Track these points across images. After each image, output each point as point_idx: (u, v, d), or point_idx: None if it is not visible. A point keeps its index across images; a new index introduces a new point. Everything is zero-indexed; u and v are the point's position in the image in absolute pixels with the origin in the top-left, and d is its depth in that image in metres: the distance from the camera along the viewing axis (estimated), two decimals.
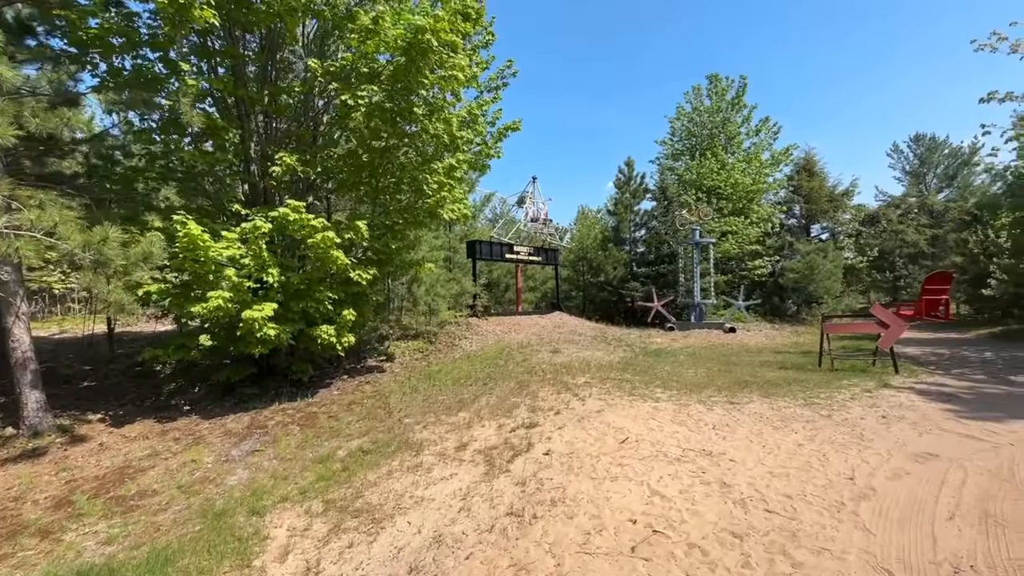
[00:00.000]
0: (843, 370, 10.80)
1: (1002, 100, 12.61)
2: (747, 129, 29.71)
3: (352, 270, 8.95)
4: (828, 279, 23.61)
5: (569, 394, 8.76)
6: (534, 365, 11.62)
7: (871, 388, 8.84)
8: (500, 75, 12.00)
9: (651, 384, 9.52)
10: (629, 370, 11.09)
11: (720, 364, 12.18)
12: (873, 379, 9.71)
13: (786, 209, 28.65)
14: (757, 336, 19.57)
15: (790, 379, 9.85)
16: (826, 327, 10.96)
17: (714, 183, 27.16)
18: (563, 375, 10.42)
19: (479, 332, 16.21)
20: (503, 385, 9.75)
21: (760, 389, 8.95)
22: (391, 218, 9.62)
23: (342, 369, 11.20)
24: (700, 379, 10.08)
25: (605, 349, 14.84)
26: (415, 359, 12.70)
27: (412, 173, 9.27)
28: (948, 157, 44.48)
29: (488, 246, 19.15)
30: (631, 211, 24.82)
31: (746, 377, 10.26)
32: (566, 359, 12.55)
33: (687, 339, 18.45)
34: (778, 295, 25.41)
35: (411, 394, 9.56)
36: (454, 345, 14.34)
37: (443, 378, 10.60)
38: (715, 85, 30.19)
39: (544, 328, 18.08)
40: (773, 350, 15.43)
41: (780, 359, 13.00)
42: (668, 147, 31.33)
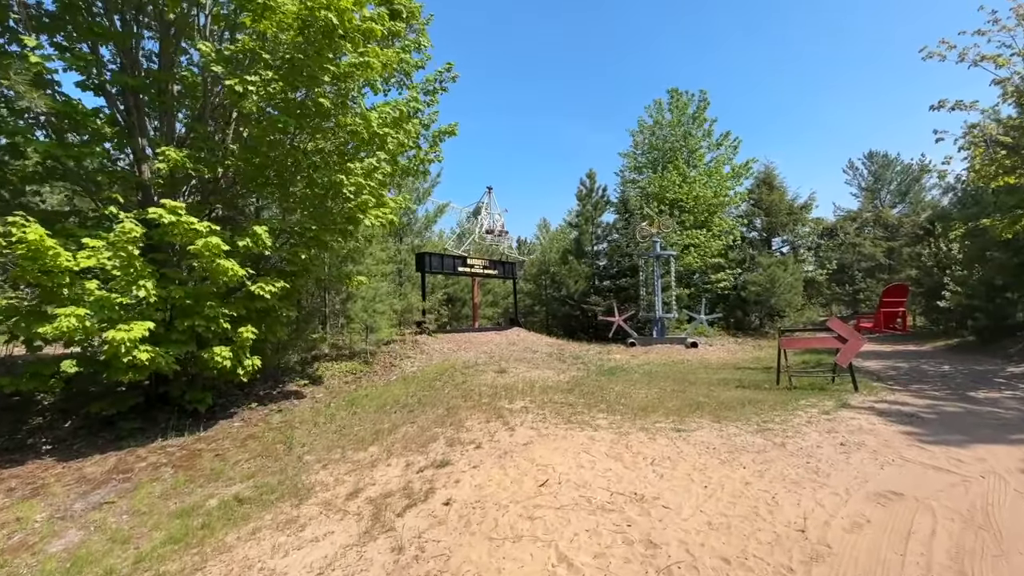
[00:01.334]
0: (801, 388, 10.12)
1: (952, 108, 12.45)
2: (708, 143, 29.78)
3: (251, 282, 7.78)
4: (789, 292, 23.43)
5: (500, 422, 7.73)
6: (473, 388, 10.56)
7: (829, 409, 8.12)
8: (438, 78, 11.13)
9: (595, 408, 8.59)
10: (576, 391, 10.15)
11: (675, 383, 11.38)
12: (832, 398, 9.03)
13: (747, 222, 28.66)
14: (719, 351, 19.01)
15: (746, 400, 9.08)
16: (783, 342, 10.30)
17: (676, 196, 26.94)
18: (501, 399, 9.40)
19: (425, 351, 15.07)
20: (430, 412, 8.66)
21: (712, 412, 8.12)
22: (302, 224, 8.51)
23: (253, 396, 9.90)
24: (650, 401, 9.22)
25: (557, 368, 13.91)
26: (344, 382, 11.47)
27: (326, 174, 8.22)
28: (900, 174, 46.01)
29: (439, 259, 18.10)
30: (593, 224, 24.23)
31: (700, 398, 9.45)
32: (511, 380, 11.54)
33: (647, 355, 17.72)
34: (741, 308, 25.13)
35: (324, 425, 8.37)
36: (393, 366, 13.16)
37: (367, 404, 9.44)
38: (676, 99, 30.24)
39: (498, 345, 17.06)
40: (734, 366, 14.80)
41: (739, 376, 12.31)
42: (631, 160, 31.14)
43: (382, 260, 16.63)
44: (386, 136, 9.05)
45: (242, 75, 7.01)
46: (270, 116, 7.46)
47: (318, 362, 12.55)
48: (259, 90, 7.09)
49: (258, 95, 7.18)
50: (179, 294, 7.19)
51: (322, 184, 8.44)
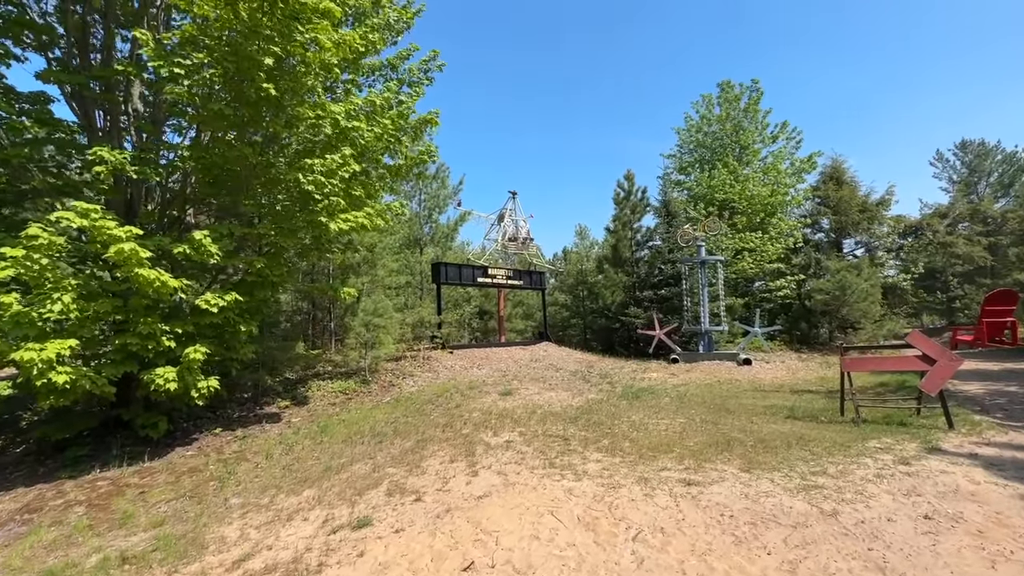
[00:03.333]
0: (873, 422, 7.91)
1: None
2: (763, 137, 26.96)
3: (192, 295, 6.92)
4: (864, 300, 20.24)
5: (465, 463, 6.30)
6: (464, 413, 9.20)
7: (910, 456, 6.01)
8: (423, 67, 10.08)
9: (593, 445, 6.94)
10: (582, 421, 8.51)
11: (709, 410, 9.42)
12: (915, 438, 6.83)
13: (812, 223, 25.46)
14: (776, 369, 16.45)
15: (794, 437, 7.08)
16: (846, 363, 8.12)
17: (727, 196, 24.39)
18: (485, 430, 7.96)
19: (434, 368, 13.90)
20: (398, 445, 7.38)
21: (744, 455, 6.26)
22: (260, 229, 7.61)
23: (223, 420, 9.08)
24: (668, 436, 7.43)
25: (577, 389, 12.24)
26: (331, 404, 10.47)
27: (281, 172, 7.29)
28: (1002, 164, 40.13)
29: (456, 269, 16.97)
30: (631, 229, 22.29)
31: (734, 432, 7.54)
32: (513, 404, 10.06)
33: (689, 373, 15.57)
34: (806, 320, 22.09)
35: (278, 457, 7.31)
36: (392, 385, 12.07)
37: (338, 432, 8.32)
38: (727, 93, 27.69)
39: (517, 362, 15.60)
40: (790, 388, 12.45)
41: (793, 402, 10.11)
42: (676, 160, 28.83)
43: (393, 271, 15.78)
44: (356, 131, 8.03)
45: (170, 56, 6.20)
46: (211, 108, 6.62)
47: (313, 380, 11.69)
48: (189, 74, 6.25)
49: (191, 81, 6.35)
50: (105, 308, 6.40)
51: (279, 184, 7.50)
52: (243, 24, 6.13)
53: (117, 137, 7.63)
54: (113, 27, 7.51)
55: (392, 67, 10.06)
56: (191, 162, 7.30)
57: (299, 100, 7.26)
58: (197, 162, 7.28)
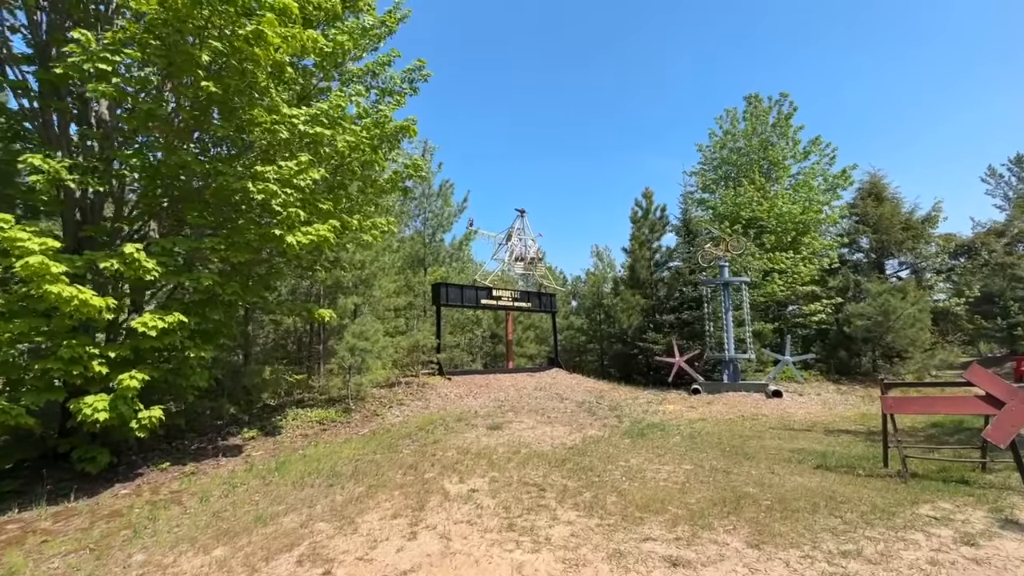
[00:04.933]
0: (926, 477, 6.44)
1: None
2: (794, 152, 25.41)
3: (119, 313, 6.23)
4: (911, 327, 18.25)
5: (409, 519, 5.25)
6: (437, 451, 8.15)
7: (977, 532, 4.62)
8: (407, 76, 9.46)
9: (571, 499, 5.78)
10: (569, 465, 7.33)
11: (724, 454, 8.08)
12: (981, 503, 5.39)
13: (849, 242, 23.55)
14: (810, 403, 14.74)
15: (823, 495, 5.73)
16: (887, 403, 6.69)
17: (754, 214, 22.89)
18: (452, 474, 6.89)
19: (426, 397, 12.93)
20: (348, 490, 6.39)
21: (755, 520, 4.98)
22: (208, 243, 6.94)
23: (177, 452, 8.32)
24: (667, 488, 6.19)
25: (578, 423, 11.01)
26: (303, 435, 9.61)
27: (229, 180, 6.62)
28: None
29: (458, 290, 16.09)
30: (649, 248, 21.02)
31: (748, 487, 6.23)
32: (498, 441, 8.95)
33: (710, 406, 14.07)
34: (845, 347, 20.13)
35: (215, 501, 6.43)
36: (376, 415, 11.14)
37: (293, 471, 7.41)
38: (754, 107, 26.36)
39: (520, 391, 14.46)
40: (825, 427, 10.87)
41: (826, 446, 8.63)
42: (699, 178, 27.49)
43: (390, 292, 15.04)
44: (319, 137, 7.36)
45: (95, 55, 5.67)
46: (142, 108, 6.05)
47: (292, 408, 10.89)
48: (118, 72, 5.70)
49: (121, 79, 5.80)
50: (21, 329, 5.75)
51: (229, 194, 6.84)
52: (174, 14, 5.57)
53: (67, 146, 7.17)
54: (66, 24, 7.12)
55: (373, 74, 9.48)
56: (135, 171, 6.75)
57: (250, 102, 6.65)
58: (142, 171, 6.72)
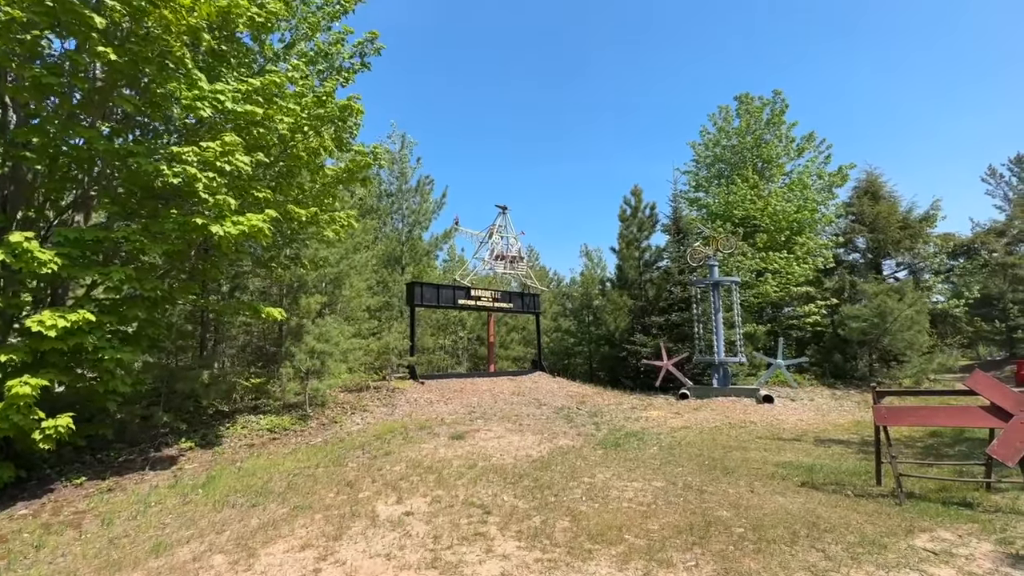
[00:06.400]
0: (922, 498, 5.71)
1: None
2: (788, 149, 24.75)
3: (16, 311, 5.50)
4: (909, 329, 17.54)
5: (318, 551, 4.50)
6: (385, 465, 7.40)
7: (980, 571, 3.88)
8: (358, 50, 8.75)
9: (517, 525, 5.03)
10: (526, 481, 6.59)
11: (702, 468, 7.34)
12: (986, 532, 4.66)
13: (845, 242, 22.87)
14: (803, 409, 14.01)
15: (805, 521, 5.00)
16: (878, 414, 5.96)
17: (747, 212, 22.20)
18: (391, 493, 6.15)
19: (394, 402, 12.19)
20: (270, 512, 5.64)
21: (723, 554, 4.25)
22: (118, 232, 6.22)
23: (98, 466, 7.55)
24: (629, 512, 5.44)
25: (549, 432, 10.26)
26: (250, 445, 8.86)
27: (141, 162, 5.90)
28: None
29: (434, 290, 15.34)
30: (637, 248, 20.31)
31: (722, 508, 5.49)
32: (456, 453, 8.20)
33: (697, 412, 13.34)
34: (840, 351, 19.43)
35: (118, 525, 5.66)
36: (334, 423, 10.40)
37: (220, 488, 6.65)
38: (746, 105, 25.70)
39: (496, 396, 13.72)
40: (816, 436, 10.14)
41: (815, 459, 7.90)
42: (691, 177, 26.83)
43: (361, 292, 14.29)
44: (251, 117, 6.64)
45: None
46: (27, 74, 5.33)
47: (244, 416, 10.14)
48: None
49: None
50: None
51: (143, 178, 6.10)
52: None
53: None
54: None
55: (326, 55, 8.78)
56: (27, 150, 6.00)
57: (165, 75, 5.93)
58: (41, 151, 5.99)
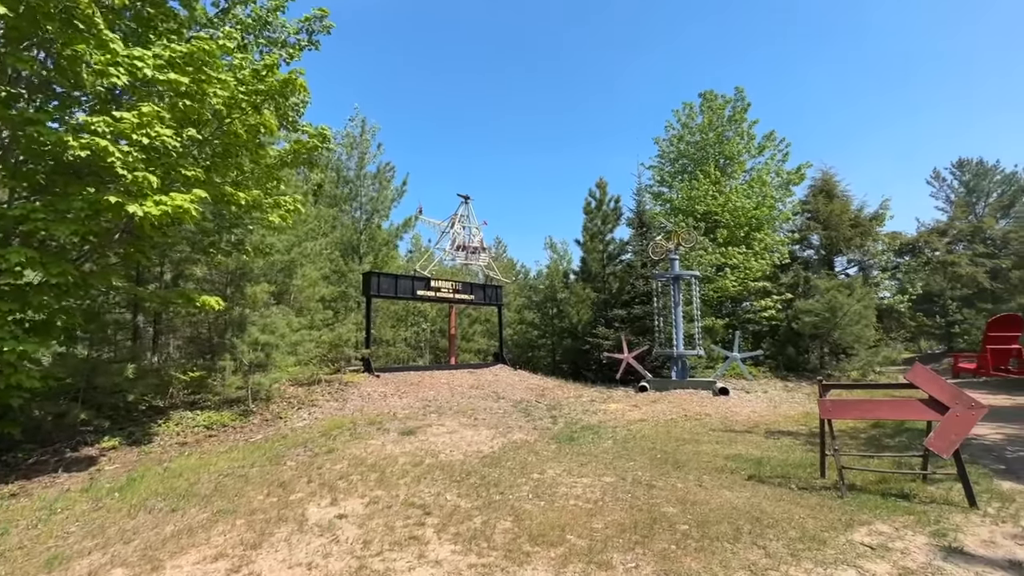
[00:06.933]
0: (865, 491, 5.77)
1: None
2: (748, 148, 25.23)
3: None
4: (857, 324, 18.21)
5: (232, 562, 4.12)
6: (325, 463, 7.01)
7: (917, 566, 3.87)
8: (305, 26, 8.22)
9: (456, 527, 4.77)
10: (473, 479, 6.34)
11: (654, 462, 7.27)
12: (922, 524, 4.70)
13: (800, 238, 23.56)
14: (756, 401, 14.29)
15: (750, 516, 4.93)
16: (824, 407, 5.99)
17: (708, 208, 22.53)
18: (327, 494, 5.79)
19: (346, 396, 11.72)
20: (189, 517, 5.18)
21: (666, 554, 4.11)
22: (17, 210, 5.56)
23: (3, 467, 6.86)
24: (575, 509, 5.27)
25: (504, 426, 10.05)
26: (183, 443, 8.28)
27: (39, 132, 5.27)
28: (1002, 184, 38.59)
29: (392, 280, 14.85)
30: (601, 241, 20.32)
31: (670, 504, 5.39)
32: (403, 450, 7.88)
33: (655, 404, 13.40)
34: (794, 344, 20.03)
35: (15, 535, 5.09)
36: (279, 418, 9.88)
37: (140, 491, 6.12)
38: (710, 102, 26.03)
39: (454, 390, 13.41)
40: (766, 428, 10.29)
41: (764, 451, 7.97)
42: (656, 172, 27.06)
43: (315, 281, 13.67)
44: (176, 85, 6.05)
45: None
46: None
47: (179, 412, 9.49)
48: None
49: None
50: None
51: (45, 150, 5.46)
52: None
53: None
54: None
55: (265, 23, 8.18)
56: None
57: (66, 32, 5.31)
58: None
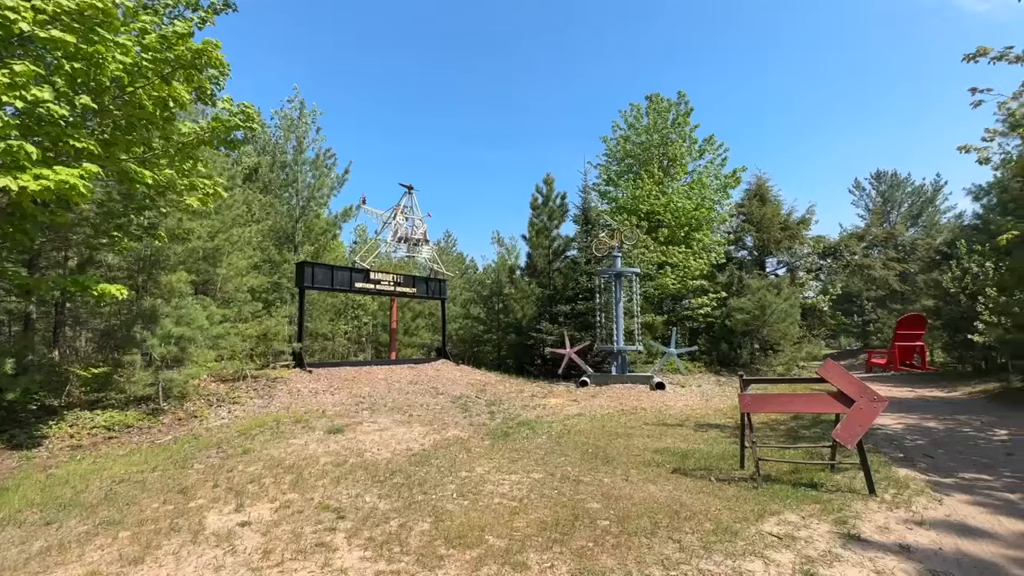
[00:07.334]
0: (778, 480, 6.00)
1: (996, 59, 8.63)
2: (691, 151, 26.11)
3: None
4: (784, 321, 19.29)
5: None
6: (237, 465, 6.52)
7: (818, 554, 4.00)
8: None
9: (369, 531, 4.51)
10: (397, 478, 6.08)
11: (584, 457, 7.27)
12: (827, 512, 4.91)
13: (735, 239, 24.70)
14: (690, 395, 14.81)
15: (669, 509, 4.98)
16: (744, 401, 6.19)
17: (652, 207, 23.13)
18: (233, 499, 5.36)
19: (273, 393, 11.06)
20: (64, 530, 4.62)
21: (582, 552, 4.04)
22: None
23: None
24: (500, 508, 5.13)
25: (440, 423, 9.81)
26: (82, 444, 7.47)
27: None
28: (911, 195, 42.20)
29: (328, 271, 14.16)
30: (547, 236, 20.41)
31: (595, 500, 5.36)
32: (327, 449, 7.48)
33: (594, 399, 13.58)
34: (727, 340, 20.94)
35: None
36: (193, 417, 9.15)
37: (15, 500, 5.42)
38: (656, 104, 26.74)
39: (392, 385, 13.00)
40: (696, 421, 10.62)
41: (691, 444, 8.18)
42: (603, 170, 27.51)
43: (242, 270, 12.82)
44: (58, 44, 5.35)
45: None
46: None
47: (77, 411, 8.57)
48: None
49: None
50: None
51: None
52: None
53: None
54: None
55: None
56: None
57: None
58: None
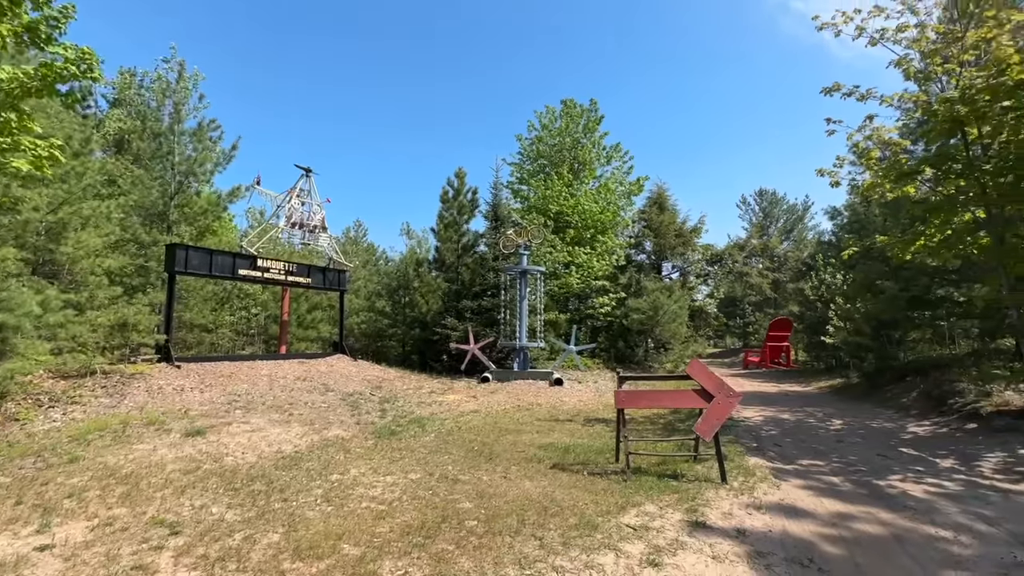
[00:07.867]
0: (647, 472, 6.33)
1: (847, 95, 9.86)
2: (599, 156, 27.26)
3: None
4: (674, 322, 20.79)
5: None
6: (60, 476, 5.58)
7: (666, 543, 4.22)
8: None
9: (207, 547, 4.03)
10: (256, 485, 5.55)
11: (468, 456, 7.18)
12: (683, 501, 5.24)
13: (636, 243, 26.22)
14: (585, 391, 15.39)
15: (539, 506, 5.02)
16: (619, 398, 6.47)
17: (561, 208, 23.78)
18: (40, 516, 4.55)
19: (128, 391, 9.72)
20: None
21: (442, 554, 3.91)
22: None
23: None
24: (365, 513, 4.85)
25: (324, 422, 9.23)
26: None
27: None
28: (786, 212, 47.54)
29: (205, 256, 12.70)
30: (456, 231, 20.18)
31: (468, 500, 5.26)
32: (183, 453, 6.68)
33: (493, 395, 13.61)
34: (624, 339, 22.15)
35: None
36: (16, 419, 7.74)
37: None
38: (569, 109, 27.55)
39: (277, 381, 12.04)
40: (586, 416, 11.02)
41: (575, 439, 8.43)
42: (517, 168, 27.85)
43: (97, 249, 11.13)
44: None
45: None
46: None
47: None
48: None
49: None
50: None
51: None
52: None
53: None
54: None
55: None
56: None
57: None
58: None
